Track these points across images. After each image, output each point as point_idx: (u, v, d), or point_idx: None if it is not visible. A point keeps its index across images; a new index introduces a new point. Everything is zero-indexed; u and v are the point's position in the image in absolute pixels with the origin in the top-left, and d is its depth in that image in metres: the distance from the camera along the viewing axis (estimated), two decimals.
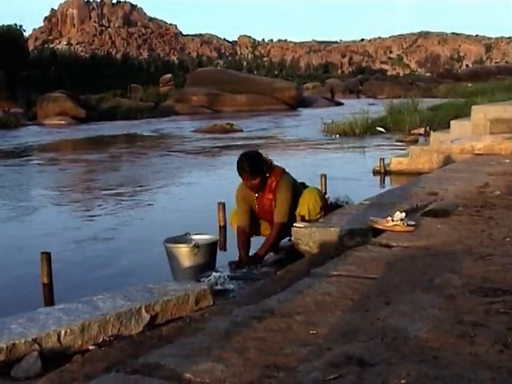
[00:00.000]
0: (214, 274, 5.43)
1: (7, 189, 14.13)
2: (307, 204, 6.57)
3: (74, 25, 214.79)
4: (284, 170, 6.73)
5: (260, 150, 6.93)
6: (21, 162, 20.08)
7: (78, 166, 18.98)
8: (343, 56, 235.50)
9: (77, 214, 11.00)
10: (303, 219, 6.54)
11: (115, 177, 15.54)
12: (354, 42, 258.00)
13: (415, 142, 19.21)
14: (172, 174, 15.74)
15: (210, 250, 6.20)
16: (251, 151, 6.85)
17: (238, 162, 6.50)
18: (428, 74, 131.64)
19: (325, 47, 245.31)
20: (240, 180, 6.63)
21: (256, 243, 6.72)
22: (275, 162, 6.85)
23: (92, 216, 10.67)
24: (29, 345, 3.63)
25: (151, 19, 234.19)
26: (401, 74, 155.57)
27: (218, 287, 5.19)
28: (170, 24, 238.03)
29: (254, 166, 6.43)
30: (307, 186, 6.93)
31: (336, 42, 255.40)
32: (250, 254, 6.49)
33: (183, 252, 6.02)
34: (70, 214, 11.09)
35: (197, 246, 6.00)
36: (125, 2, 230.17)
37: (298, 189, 6.71)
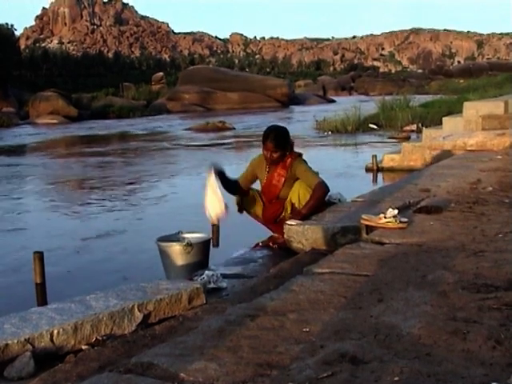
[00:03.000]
0: (206, 272, 5.41)
1: None
2: (298, 191, 6.62)
3: (65, 23, 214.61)
4: (301, 154, 6.91)
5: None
6: (14, 160, 20.06)
7: (71, 164, 18.96)
8: (335, 53, 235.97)
9: (70, 213, 10.98)
10: (293, 207, 6.58)
11: (109, 175, 15.52)
12: (346, 39, 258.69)
13: (407, 138, 19.23)
14: (165, 173, 15.73)
15: (203, 249, 6.19)
16: (281, 126, 7.06)
17: (267, 132, 6.72)
18: (420, 71, 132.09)
19: (317, 44, 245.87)
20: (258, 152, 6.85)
21: (256, 230, 6.73)
22: None
23: (85, 214, 10.65)
24: (22, 345, 3.62)
25: (143, 17, 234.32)
26: (393, 71, 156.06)
27: (211, 285, 5.18)
28: (162, 22, 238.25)
29: (280, 140, 6.65)
30: None
31: (328, 39, 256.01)
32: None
33: (176, 250, 6.00)
34: (63, 212, 11.07)
35: (189, 244, 5.99)
36: (116, 0, 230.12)
37: None
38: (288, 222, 6.26)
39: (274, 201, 6.75)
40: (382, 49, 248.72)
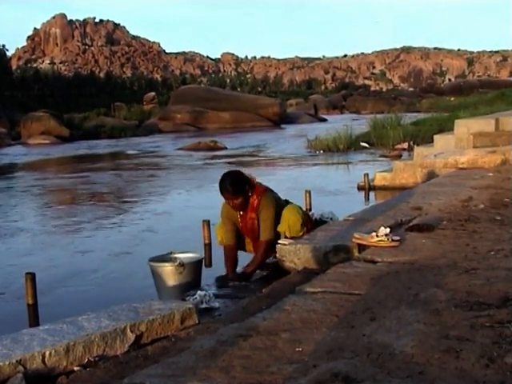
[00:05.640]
0: (199, 292, 5.40)
1: None
2: (287, 222, 6.57)
3: (56, 44, 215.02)
4: (267, 188, 6.74)
5: (244, 168, 6.93)
6: (7, 180, 20.01)
7: (64, 183, 18.91)
8: (326, 72, 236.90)
9: (62, 232, 10.94)
10: (285, 237, 6.55)
11: (100, 195, 15.50)
12: (337, 57, 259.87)
13: (399, 156, 19.27)
14: (157, 192, 15.70)
15: (195, 269, 6.18)
16: (233, 171, 6.85)
17: (220, 182, 6.53)
18: (411, 89, 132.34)
19: (308, 63, 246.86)
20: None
21: (243, 259, 6.72)
22: (259, 179, 6.87)
23: (77, 234, 10.62)
24: (13, 366, 3.60)
25: (134, 37, 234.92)
26: (384, 89, 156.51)
27: (204, 306, 5.17)
28: (153, 42, 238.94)
29: (236, 186, 6.45)
30: (290, 203, 6.94)
31: (319, 59, 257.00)
32: (238, 270, 6.53)
33: (168, 271, 5.99)
34: (55, 231, 11.04)
35: (181, 264, 5.98)
36: (108, 20, 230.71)
37: (281, 206, 6.72)
38: (280, 242, 6.27)
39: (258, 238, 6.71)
40: (373, 67, 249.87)
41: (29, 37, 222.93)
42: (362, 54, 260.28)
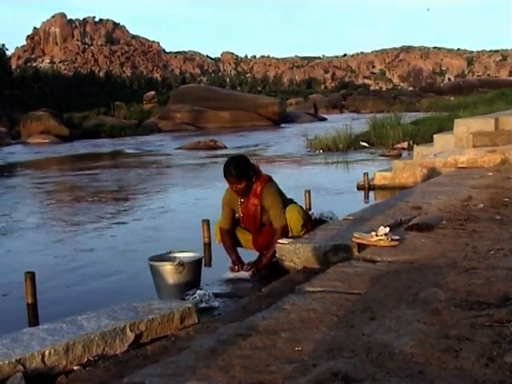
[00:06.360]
0: (198, 291, 5.40)
1: None
2: (288, 223, 6.56)
3: (56, 43, 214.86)
4: (270, 177, 6.75)
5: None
6: (10, 179, 20.01)
7: (65, 182, 18.91)
8: (326, 71, 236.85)
9: (63, 230, 10.94)
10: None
11: (102, 194, 15.49)
12: (337, 57, 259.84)
13: (399, 156, 19.25)
14: (157, 191, 15.71)
15: (195, 268, 6.17)
16: (238, 156, 6.92)
17: (225, 166, 6.57)
18: (411, 88, 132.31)
19: (308, 63, 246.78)
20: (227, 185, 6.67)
21: (243, 257, 6.72)
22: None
23: (78, 232, 10.61)
24: (13, 366, 3.60)
25: (134, 37, 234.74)
26: (383, 89, 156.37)
27: (203, 305, 5.17)
28: (153, 41, 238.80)
29: (240, 170, 6.48)
30: (294, 202, 6.93)
31: (319, 58, 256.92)
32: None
33: (167, 270, 5.99)
34: (56, 229, 11.03)
35: (181, 263, 5.97)
36: (107, 20, 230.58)
37: (284, 198, 6.73)
38: (280, 241, 6.26)
39: (259, 229, 6.71)
40: (373, 67, 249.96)
41: (28, 36, 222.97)
42: (362, 53, 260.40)
